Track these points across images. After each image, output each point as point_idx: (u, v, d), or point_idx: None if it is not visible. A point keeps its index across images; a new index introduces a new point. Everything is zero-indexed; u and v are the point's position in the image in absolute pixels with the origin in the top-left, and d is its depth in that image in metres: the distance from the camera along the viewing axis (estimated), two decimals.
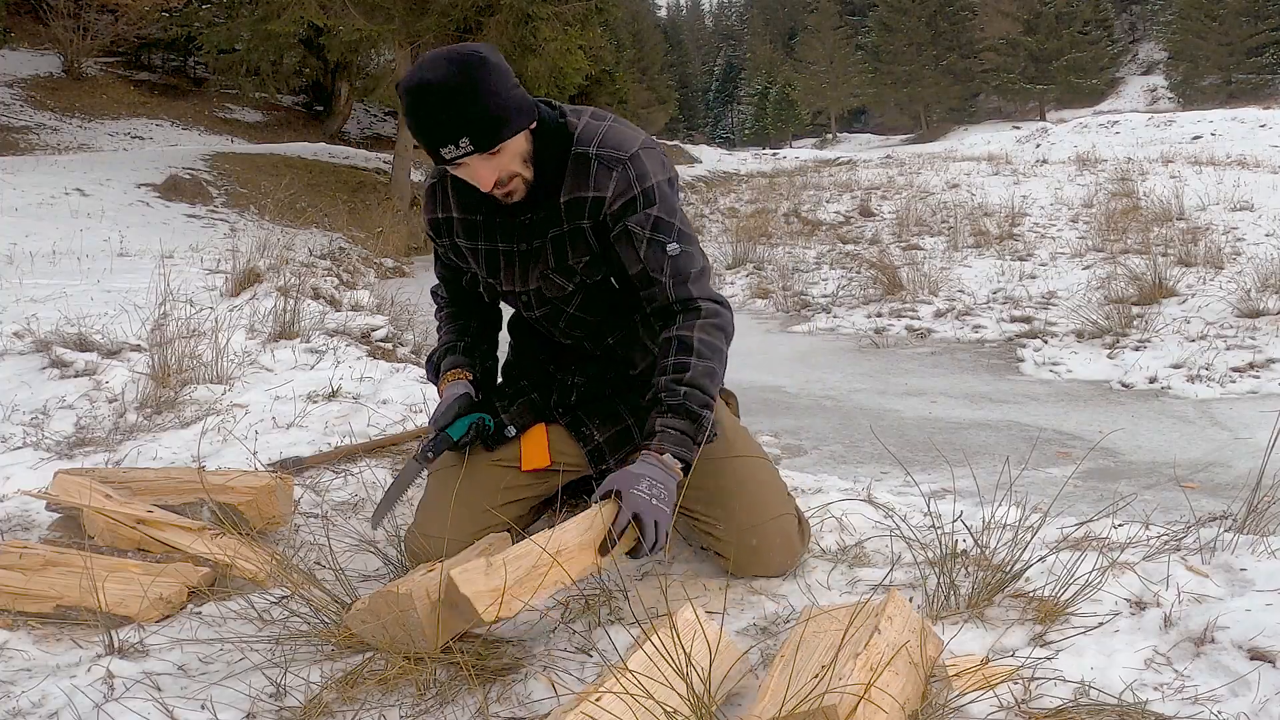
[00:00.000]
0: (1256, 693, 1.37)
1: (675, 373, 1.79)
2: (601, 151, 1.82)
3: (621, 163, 1.82)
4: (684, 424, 1.76)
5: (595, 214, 1.84)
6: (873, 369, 5.02)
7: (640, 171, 1.82)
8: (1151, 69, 56.37)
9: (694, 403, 1.76)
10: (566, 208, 1.86)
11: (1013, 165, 15.03)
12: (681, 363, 1.79)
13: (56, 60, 20.67)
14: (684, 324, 1.83)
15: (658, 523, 1.67)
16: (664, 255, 1.83)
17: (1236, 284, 5.81)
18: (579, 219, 1.86)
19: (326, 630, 1.65)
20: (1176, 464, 3.12)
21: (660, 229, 1.83)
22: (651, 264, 1.84)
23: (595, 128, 1.85)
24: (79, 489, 2.12)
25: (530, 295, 1.97)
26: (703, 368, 1.79)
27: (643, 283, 1.86)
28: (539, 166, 1.82)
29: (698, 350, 1.80)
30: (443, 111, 1.67)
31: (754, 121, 67.47)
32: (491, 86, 1.68)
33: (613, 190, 1.81)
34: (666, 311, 1.86)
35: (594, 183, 1.82)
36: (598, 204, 1.83)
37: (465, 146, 1.69)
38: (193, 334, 3.85)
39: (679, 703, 1.29)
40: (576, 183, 1.84)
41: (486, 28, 12.99)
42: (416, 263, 11.72)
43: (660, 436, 1.75)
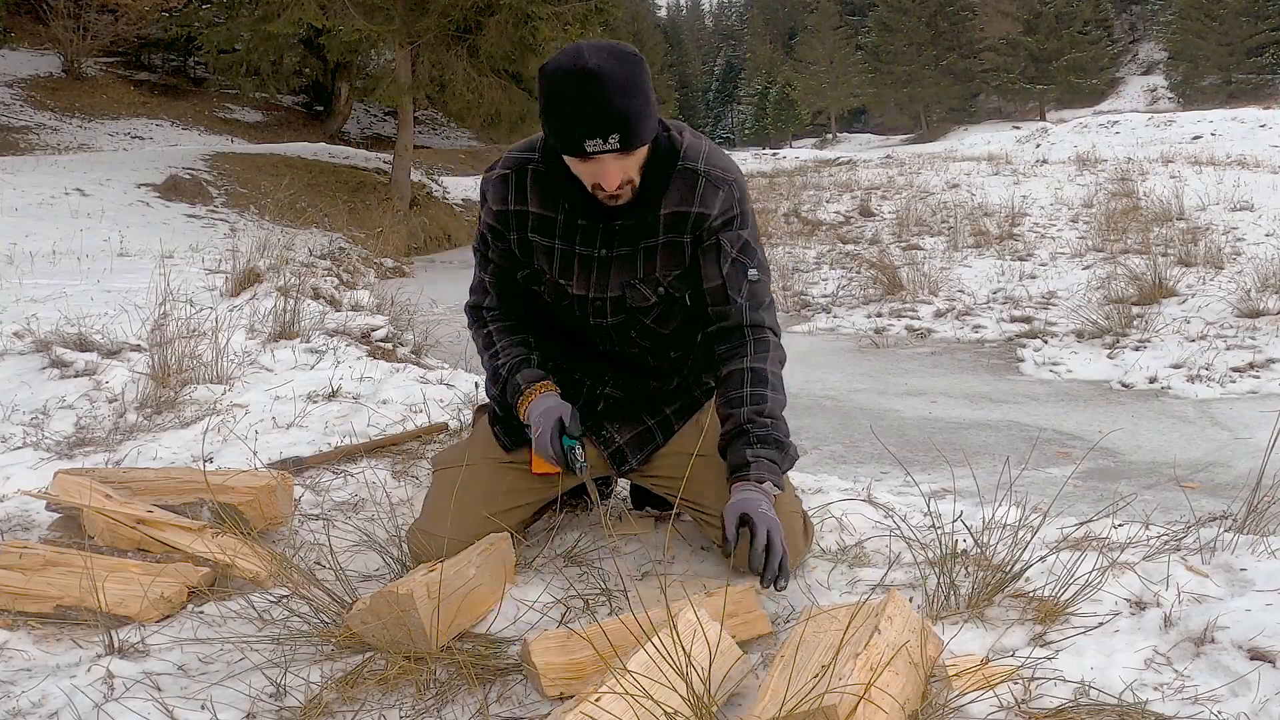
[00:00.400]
0: (1256, 693, 1.37)
1: (755, 404, 1.83)
2: (710, 169, 1.85)
3: (728, 183, 1.86)
4: (774, 453, 1.81)
5: (697, 228, 1.86)
6: (873, 369, 5.02)
7: (742, 194, 1.89)
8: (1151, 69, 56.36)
9: (780, 433, 1.84)
10: (668, 220, 1.85)
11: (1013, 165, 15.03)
12: (760, 394, 1.84)
13: (56, 60, 20.67)
14: (756, 355, 1.88)
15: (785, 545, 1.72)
16: (744, 278, 1.88)
17: (1236, 284, 5.81)
18: (680, 233, 1.87)
19: (326, 630, 1.65)
20: (1176, 464, 3.12)
21: (746, 252, 1.88)
22: (731, 282, 1.87)
23: (699, 145, 1.87)
24: (79, 489, 2.12)
25: (606, 301, 1.94)
26: (779, 400, 1.87)
27: (717, 299, 1.89)
28: (646, 177, 1.81)
29: (772, 384, 1.86)
30: (603, 103, 1.63)
31: (754, 121, 67.45)
32: (645, 88, 1.68)
33: (719, 208, 1.85)
34: (735, 333, 1.89)
35: (701, 199, 1.84)
36: (701, 219, 1.85)
37: (613, 142, 1.66)
38: (193, 334, 3.85)
39: (679, 703, 1.29)
40: (682, 196, 1.84)
41: (486, 28, 12.98)
42: (416, 262, 11.73)
43: (755, 466, 1.79)
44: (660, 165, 1.82)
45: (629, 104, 1.65)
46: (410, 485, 2.55)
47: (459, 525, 1.88)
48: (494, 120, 15.17)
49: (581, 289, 1.93)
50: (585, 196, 1.82)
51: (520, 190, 1.90)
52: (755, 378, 1.85)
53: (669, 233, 1.87)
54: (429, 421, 3.01)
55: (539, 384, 1.96)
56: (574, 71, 1.64)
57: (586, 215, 1.87)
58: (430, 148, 24.54)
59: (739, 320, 1.88)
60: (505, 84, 14.08)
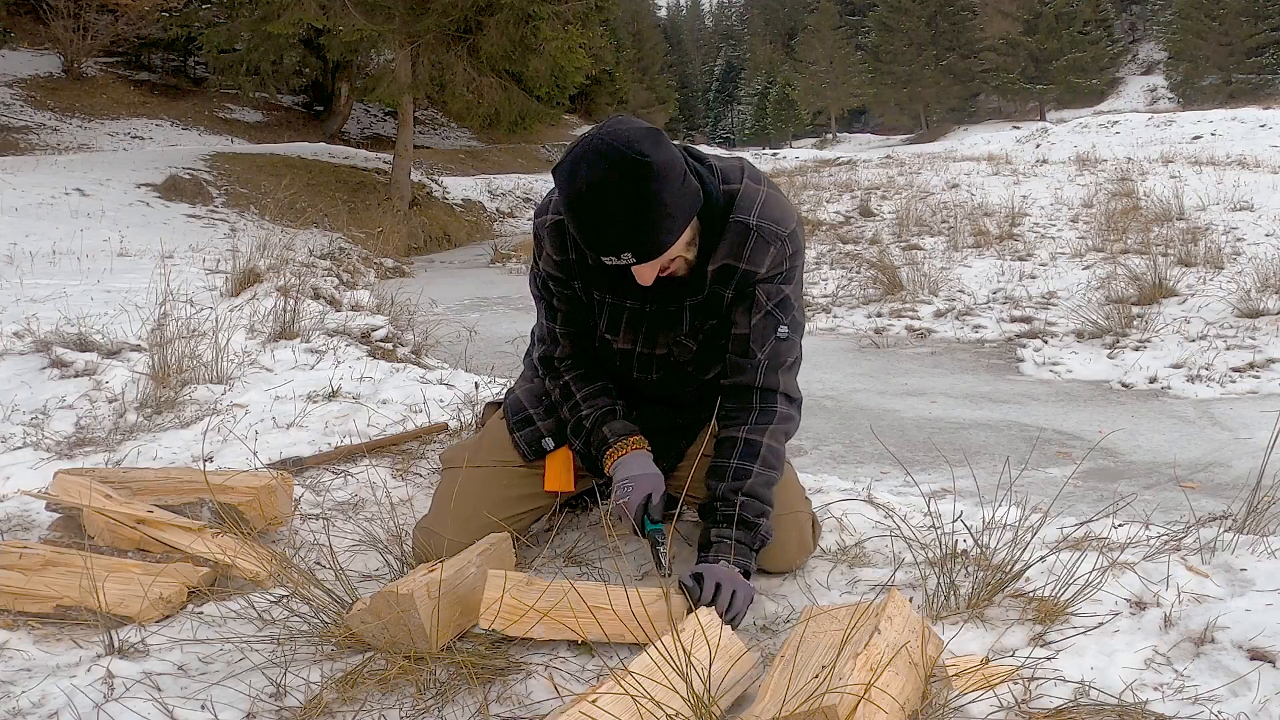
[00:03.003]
0: (1256, 693, 1.37)
1: (735, 479, 1.77)
2: (762, 224, 1.77)
3: (781, 239, 1.78)
4: (741, 534, 1.75)
5: (743, 284, 1.80)
6: (873, 369, 5.02)
7: (795, 249, 1.80)
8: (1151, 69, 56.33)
9: (750, 512, 1.76)
10: (715, 275, 1.79)
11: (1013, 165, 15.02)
12: (744, 469, 1.78)
13: (56, 60, 20.67)
14: (755, 425, 1.81)
15: (736, 590, 1.65)
16: (773, 334, 1.81)
17: (1236, 284, 5.81)
18: (724, 287, 1.80)
19: (326, 630, 1.65)
20: (1176, 464, 3.12)
21: (782, 308, 1.81)
22: (756, 335, 1.81)
23: (755, 193, 1.78)
24: (79, 489, 2.12)
25: (653, 358, 1.89)
26: (764, 477, 1.78)
27: (738, 349, 1.83)
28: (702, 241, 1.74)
29: (763, 458, 1.79)
30: (603, 225, 1.58)
31: (754, 121, 67.45)
32: (654, 197, 1.57)
33: (768, 265, 1.78)
34: (745, 393, 1.84)
35: (750, 255, 1.77)
36: (748, 276, 1.79)
37: (626, 259, 1.61)
38: (193, 334, 3.85)
39: (680, 704, 1.29)
40: (731, 251, 1.77)
41: (487, 27, 12.98)
42: (416, 262, 11.72)
43: (717, 547, 1.73)
44: (714, 221, 1.75)
45: (634, 221, 1.57)
46: (410, 485, 2.55)
47: (464, 527, 1.88)
48: (494, 120, 15.18)
49: (627, 343, 1.89)
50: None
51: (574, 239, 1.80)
52: (746, 450, 1.79)
53: (716, 285, 1.80)
54: (429, 421, 3.01)
55: (631, 439, 1.89)
56: (573, 191, 1.58)
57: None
58: (430, 148, 24.54)
59: (752, 380, 1.82)
60: (505, 84, 14.08)
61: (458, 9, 12.75)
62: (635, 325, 1.87)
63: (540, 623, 1.56)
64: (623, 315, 1.86)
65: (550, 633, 1.57)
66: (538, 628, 1.56)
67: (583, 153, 1.58)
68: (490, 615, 1.53)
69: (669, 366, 1.91)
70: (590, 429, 1.92)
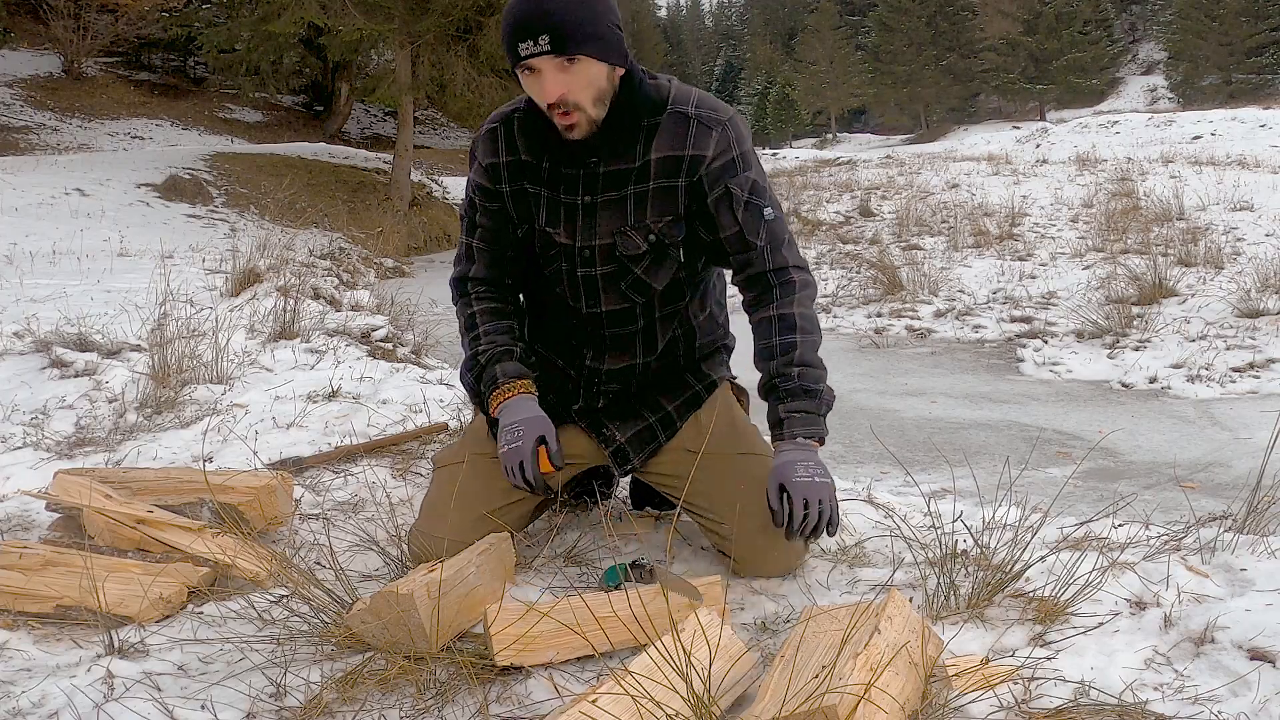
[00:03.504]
0: (1256, 693, 1.37)
1: (784, 354, 1.82)
2: (700, 112, 1.82)
3: (721, 124, 1.82)
4: (807, 403, 1.80)
5: (692, 172, 1.82)
6: (873, 369, 5.02)
7: (738, 134, 1.84)
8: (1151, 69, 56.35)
9: (809, 380, 1.81)
10: (659, 164, 1.82)
11: (1013, 165, 15.02)
12: (789, 341, 1.83)
13: (56, 60, 20.67)
14: (783, 300, 1.86)
15: (822, 500, 1.72)
16: (761, 220, 1.85)
17: (1236, 284, 5.81)
18: (673, 177, 1.83)
19: (326, 630, 1.65)
20: (1176, 464, 3.12)
21: (757, 193, 1.85)
22: (748, 227, 1.84)
23: (688, 91, 1.86)
24: (79, 489, 2.12)
25: (595, 250, 1.88)
26: (809, 343, 1.84)
27: (736, 246, 1.86)
28: (618, 116, 1.77)
29: (801, 326, 1.84)
30: (536, 6, 1.65)
31: (754, 121, 67.40)
32: (597, 4, 1.68)
33: (713, 149, 1.81)
34: (761, 280, 1.88)
35: (693, 141, 1.81)
36: (696, 162, 1.82)
37: (543, 44, 1.65)
38: (193, 334, 3.85)
39: (680, 704, 1.29)
40: (674, 140, 1.81)
41: (487, 27, 12.97)
42: (416, 262, 11.72)
43: (788, 423, 1.79)
44: (645, 109, 1.80)
45: (568, 5, 1.65)
46: (410, 485, 2.55)
47: (457, 525, 1.88)
48: None
49: (568, 237, 1.89)
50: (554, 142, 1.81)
51: (509, 140, 1.89)
52: (783, 324, 1.84)
53: (661, 177, 1.83)
54: (429, 421, 3.01)
55: (518, 381, 1.90)
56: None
57: (569, 162, 1.84)
58: (430, 148, 24.54)
59: (763, 266, 1.86)
60: (505, 84, 14.06)
61: (458, 9, 12.75)
62: (572, 218, 1.88)
63: (553, 647, 1.55)
64: (560, 208, 1.88)
65: (564, 654, 1.56)
66: (551, 652, 1.55)
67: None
68: (508, 655, 1.51)
69: (618, 262, 1.88)
70: (484, 365, 1.94)
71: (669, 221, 1.86)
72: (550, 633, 1.54)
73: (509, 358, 1.93)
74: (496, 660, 1.50)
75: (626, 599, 1.56)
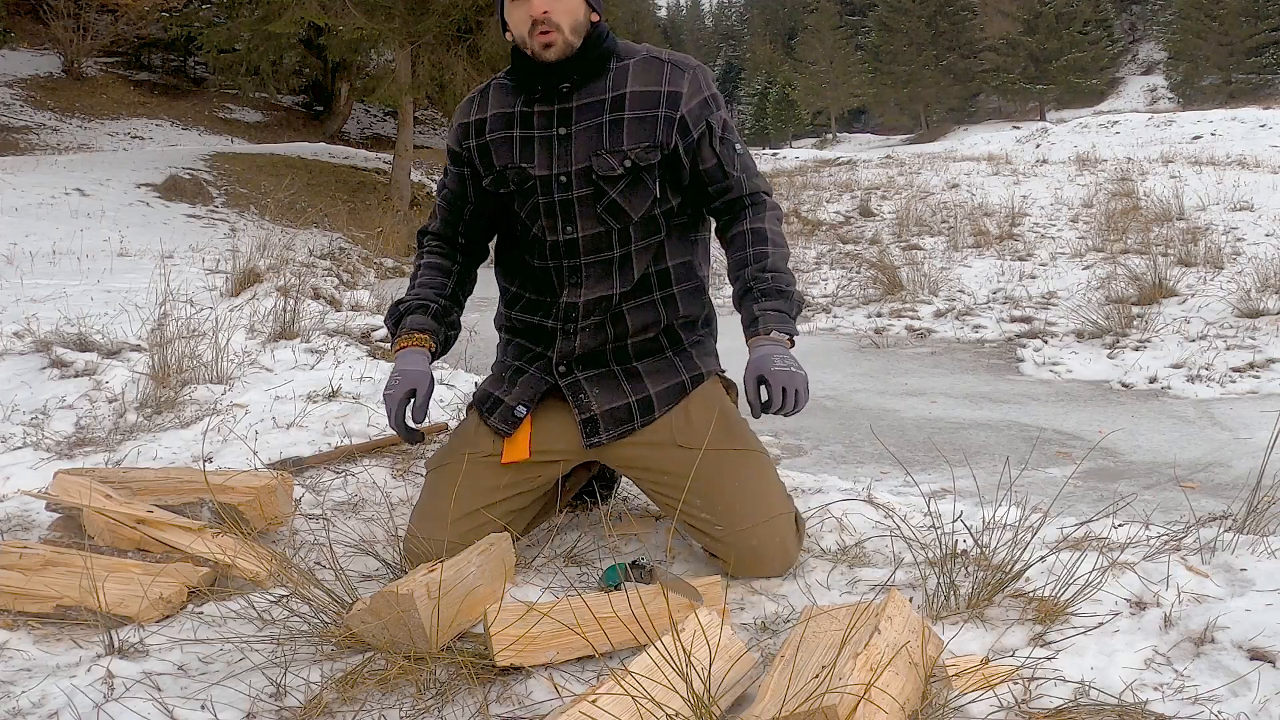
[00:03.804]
0: (1256, 693, 1.37)
1: (758, 261, 1.95)
2: (672, 58, 2.01)
3: (692, 68, 2.00)
4: (780, 303, 1.91)
5: (672, 106, 1.96)
6: (873, 369, 5.02)
7: (707, 79, 2.02)
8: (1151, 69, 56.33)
9: (782, 283, 1.93)
10: (634, 97, 1.95)
11: (1013, 165, 15.02)
12: (762, 252, 1.96)
13: (56, 60, 20.67)
14: (754, 217, 2.00)
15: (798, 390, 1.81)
16: (735, 153, 2.02)
17: (1236, 284, 5.81)
18: (652, 108, 1.95)
19: (326, 630, 1.65)
20: (1176, 464, 3.12)
21: (728, 131, 2.02)
22: (726, 159, 2.00)
23: (659, 47, 2.06)
24: (79, 489, 2.12)
25: (571, 175, 1.96)
26: (780, 254, 1.98)
27: (715, 177, 2.01)
28: (590, 49, 1.94)
29: (772, 240, 1.98)
30: None
31: (754, 121, 67.41)
32: None
33: (688, 88, 1.97)
34: (736, 204, 2.03)
35: (668, 79, 1.97)
36: (674, 97, 1.96)
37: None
38: (193, 334, 3.85)
39: (680, 704, 1.29)
40: (648, 78, 1.97)
41: (487, 28, 12.98)
42: None
43: (763, 319, 1.89)
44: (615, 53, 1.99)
45: None
46: (410, 485, 2.55)
47: (455, 528, 1.88)
48: None
49: (544, 168, 1.98)
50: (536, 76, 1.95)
51: (483, 101, 2.05)
52: (756, 236, 1.98)
53: (637, 108, 1.95)
54: (429, 421, 3.01)
55: (418, 334, 2.01)
56: None
57: (543, 101, 1.97)
58: (430, 148, 24.51)
59: (739, 191, 2.02)
60: None
61: (458, 9, 12.75)
62: (546, 148, 1.98)
63: (553, 647, 1.55)
64: (533, 144, 1.99)
65: (565, 655, 1.56)
66: (550, 652, 1.55)
67: None
68: (507, 655, 1.51)
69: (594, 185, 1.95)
70: (401, 313, 2.05)
71: (645, 148, 1.96)
72: (550, 633, 1.54)
73: (423, 312, 2.05)
74: (496, 661, 1.50)
75: (626, 599, 1.56)
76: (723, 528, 1.86)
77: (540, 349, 2.06)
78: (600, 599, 1.62)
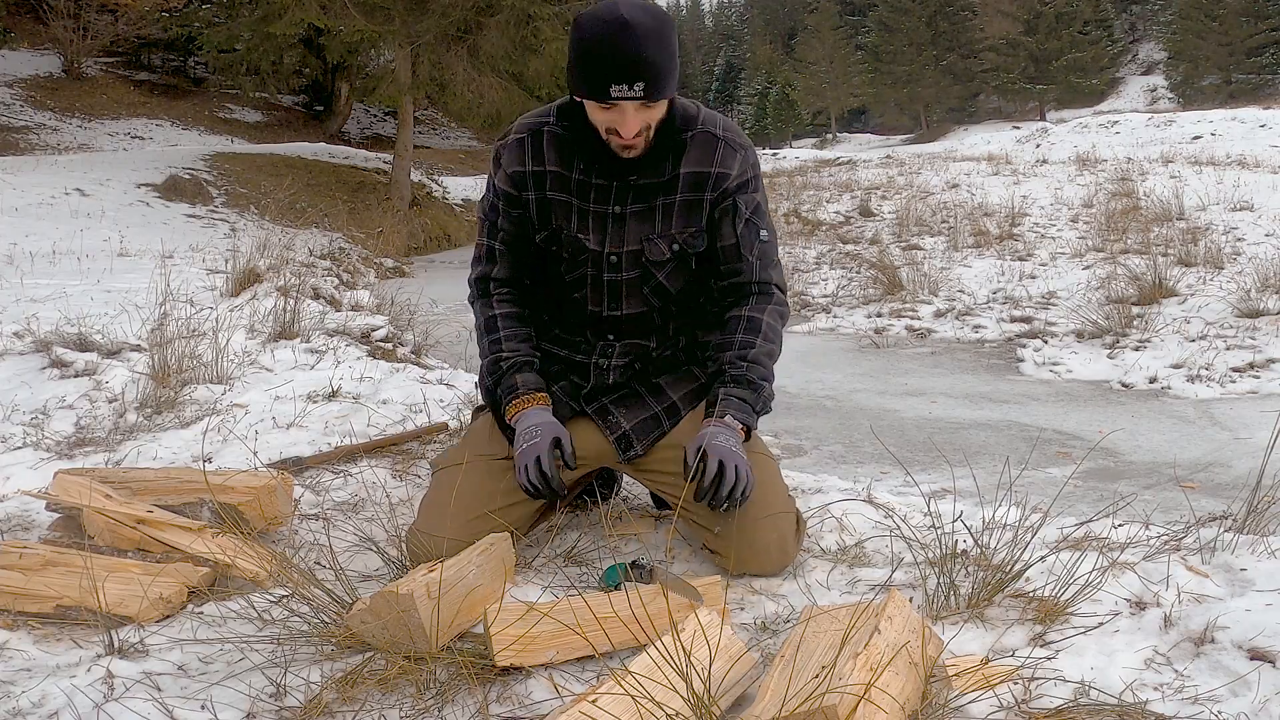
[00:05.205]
0: (1256, 693, 1.37)
1: (740, 349, 1.94)
2: (728, 136, 1.97)
3: (744, 149, 1.99)
4: (744, 392, 1.90)
5: (718, 188, 1.96)
6: (873, 369, 5.02)
7: (755, 160, 2.02)
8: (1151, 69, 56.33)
9: (754, 375, 1.93)
10: (687, 179, 1.95)
11: (1013, 165, 15.02)
12: (748, 341, 1.95)
13: (56, 60, 20.68)
14: (756, 305, 1.99)
15: (738, 466, 1.80)
16: (756, 238, 2.00)
17: (1236, 284, 5.81)
18: (700, 191, 1.96)
19: (326, 630, 1.65)
20: (1176, 464, 3.12)
21: (758, 214, 2.00)
22: (744, 242, 1.99)
23: (715, 115, 2.01)
24: (79, 489, 2.12)
25: (623, 256, 1.98)
26: (765, 348, 1.96)
27: (730, 257, 2.00)
28: (662, 137, 1.90)
29: (764, 332, 1.97)
30: (632, 51, 1.72)
31: (754, 121, 67.41)
32: (673, 44, 1.78)
33: (736, 170, 1.96)
34: (743, 289, 2.01)
35: (720, 159, 1.95)
36: (721, 179, 1.96)
37: (638, 90, 1.74)
38: (193, 334, 3.85)
39: (680, 704, 1.29)
40: (703, 157, 1.95)
41: (487, 28, 12.98)
42: (416, 262, 11.72)
43: (723, 403, 1.89)
44: (678, 128, 1.92)
45: (658, 56, 1.74)
46: (410, 485, 2.55)
47: (456, 524, 1.88)
48: (494, 120, 15.16)
49: (598, 244, 1.98)
50: (601, 153, 1.90)
51: (537, 151, 1.97)
52: (749, 325, 1.96)
53: (688, 191, 1.95)
54: (429, 421, 3.01)
55: (537, 394, 1.98)
56: (610, 20, 1.73)
57: (602, 174, 1.94)
58: (430, 148, 24.54)
59: (749, 277, 1.99)
60: (506, 84, 14.08)
61: (458, 9, 12.75)
62: (602, 225, 1.97)
63: (553, 647, 1.55)
64: (588, 216, 1.97)
65: (564, 655, 1.56)
66: (551, 652, 1.55)
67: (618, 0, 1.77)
68: (507, 655, 1.51)
69: (639, 266, 1.98)
70: (505, 371, 2.02)
71: (692, 233, 1.98)
72: (550, 633, 1.54)
73: (530, 369, 2.02)
74: (496, 661, 1.50)
75: (627, 599, 1.56)
76: (722, 527, 1.86)
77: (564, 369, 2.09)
78: (600, 599, 1.62)
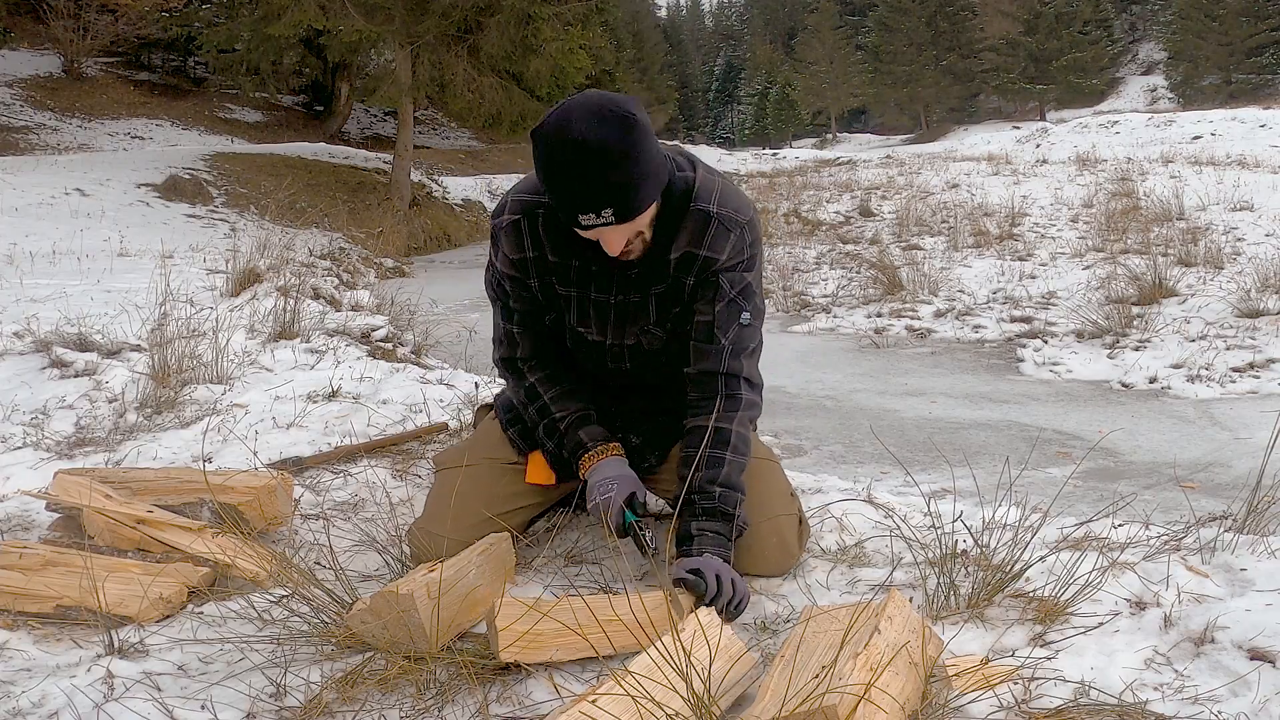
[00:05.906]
0: (1256, 693, 1.37)
1: (710, 469, 1.80)
2: (722, 212, 1.80)
3: (739, 227, 1.81)
4: (720, 525, 1.78)
5: (704, 271, 1.83)
6: (873, 369, 5.02)
7: (754, 236, 1.85)
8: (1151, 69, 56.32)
9: (727, 504, 1.79)
10: (677, 263, 1.82)
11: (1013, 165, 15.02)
12: (716, 457, 1.81)
13: (56, 60, 20.67)
14: (724, 413, 1.83)
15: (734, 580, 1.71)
16: (735, 321, 1.84)
17: (1236, 284, 5.81)
18: (686, 275, 1.83)
19: (326, 630, 1.65)
20: (1176, 464, 3.12)
21: (744, 295, 1.85)
22: (720, 321, 1.84)
23: (711, 184, 1.82)
24: (79, 489, 2.12)
25: (624, 349, 1.94)
26: (737, 464, 1.82)
27: (702, 335, 1.86)
28: (658, 224, 1.78)
29: (734, 445, 1.82)
30: (592, 177, 1.58)
31: (754, 121, 67.46)
32: (640, 154, 1.60)
33: (727, 253, 1.81)
34: (709, 382, 1.86)
35: (711, 242, 1.80)
36: (709, 263, 1.82)
37: (606, 217, 1.61)
38: (193, 334, 3.85)
39: (680, 704, 1.29)
40: (692, 239, 1.80)
41: (487, 28, 12.98)
42: (416, 262, 11.72)
43: (699, 539, 1.77)
44: (673, 208, 1.78)
45: (622, 176, 1.59)
46: (410, 485, 2.55)
47: (459, 525, 1.89)
48: (494, 120, 15.18)
49: (599, 334, 1.93)
50: (582, 242, 1.78)
51: (534, 236, 1.86)
52: (717, 438, 1.81)
53: (682, 273, 1.84)
54: (429, 421, 3.01)
55: (610, 445, 1.94)
56: (564, 144, 1.57)
57: (596, 262, 1.84)
58: (430, 148, 24.54)
59: (717, 366, 1.85)
60: (506, 84, 14.08)
61: (458, 10, 12.75)
62: (603, 317, 1.91)
63: (556, 645, 1.55)
64: (589, 307, 1.90)
65: (567, 654, 1.56)
66: (553, 650, 1.55)
67: (574, 108, 1.60)
68: (512, 651, 1.51)
69: (640, 355, 1.96)
70: (565, 431, 1.95)
71: (676, 314, 1.89)
72: (554, 631, 1.54)
73: (589, 422, 1.96)
74: (501, 656, 1.50)
75: (628, 601, 1.56)
76: None
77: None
78: (602, 600, 1.62)
